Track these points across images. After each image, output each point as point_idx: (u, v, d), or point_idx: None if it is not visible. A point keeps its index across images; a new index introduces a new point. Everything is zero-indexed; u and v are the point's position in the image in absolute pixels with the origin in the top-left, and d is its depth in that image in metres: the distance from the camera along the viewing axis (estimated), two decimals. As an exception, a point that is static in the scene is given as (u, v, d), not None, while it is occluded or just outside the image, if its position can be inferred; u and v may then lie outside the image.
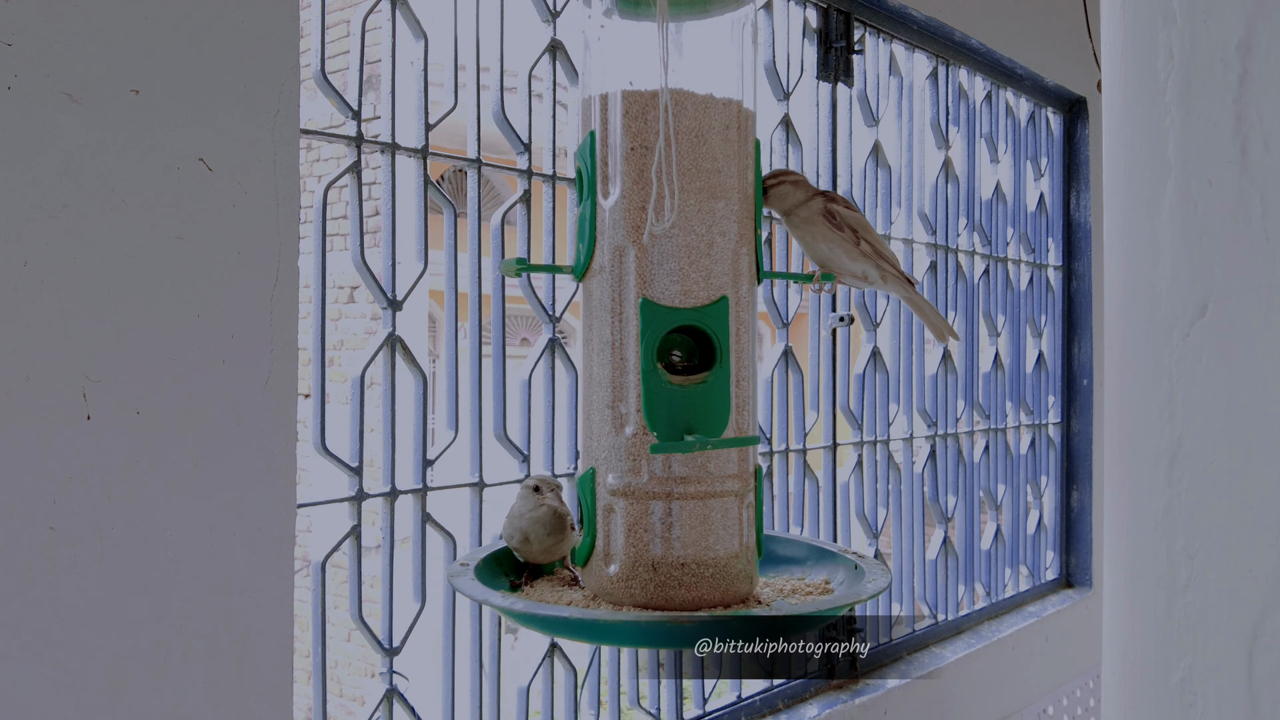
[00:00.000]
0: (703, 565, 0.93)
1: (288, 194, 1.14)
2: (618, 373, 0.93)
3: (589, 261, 0.96)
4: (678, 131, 0.92)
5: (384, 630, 1.40)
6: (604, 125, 0.95)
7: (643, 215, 0.91)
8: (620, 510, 0.93)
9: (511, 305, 1.56)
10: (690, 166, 0.93)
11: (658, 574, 0.92)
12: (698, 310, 0.93)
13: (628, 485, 0.93)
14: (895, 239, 2.34)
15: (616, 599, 0.93)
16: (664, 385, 0.92)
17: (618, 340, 0.93)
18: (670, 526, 0.93)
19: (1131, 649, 0.64)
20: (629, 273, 0.93)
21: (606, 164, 0.94)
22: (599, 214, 0.94)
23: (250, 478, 1.11)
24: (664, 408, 0.92)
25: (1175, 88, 0.61)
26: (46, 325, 0.97)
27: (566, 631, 0.93)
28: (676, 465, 0.93)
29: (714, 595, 0.94)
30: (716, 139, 0.94)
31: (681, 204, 0.91)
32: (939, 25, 2.36)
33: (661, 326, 0.92)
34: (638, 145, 0.92)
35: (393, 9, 1.40)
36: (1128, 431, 0.65)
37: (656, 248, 0.92)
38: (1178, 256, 0.61)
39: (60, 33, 0.98)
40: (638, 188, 0.92)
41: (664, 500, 0.92)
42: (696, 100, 0.94)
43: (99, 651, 1.01)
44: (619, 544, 0.93)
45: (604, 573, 0.94)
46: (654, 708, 1.77)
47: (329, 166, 6.04)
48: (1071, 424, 2.99)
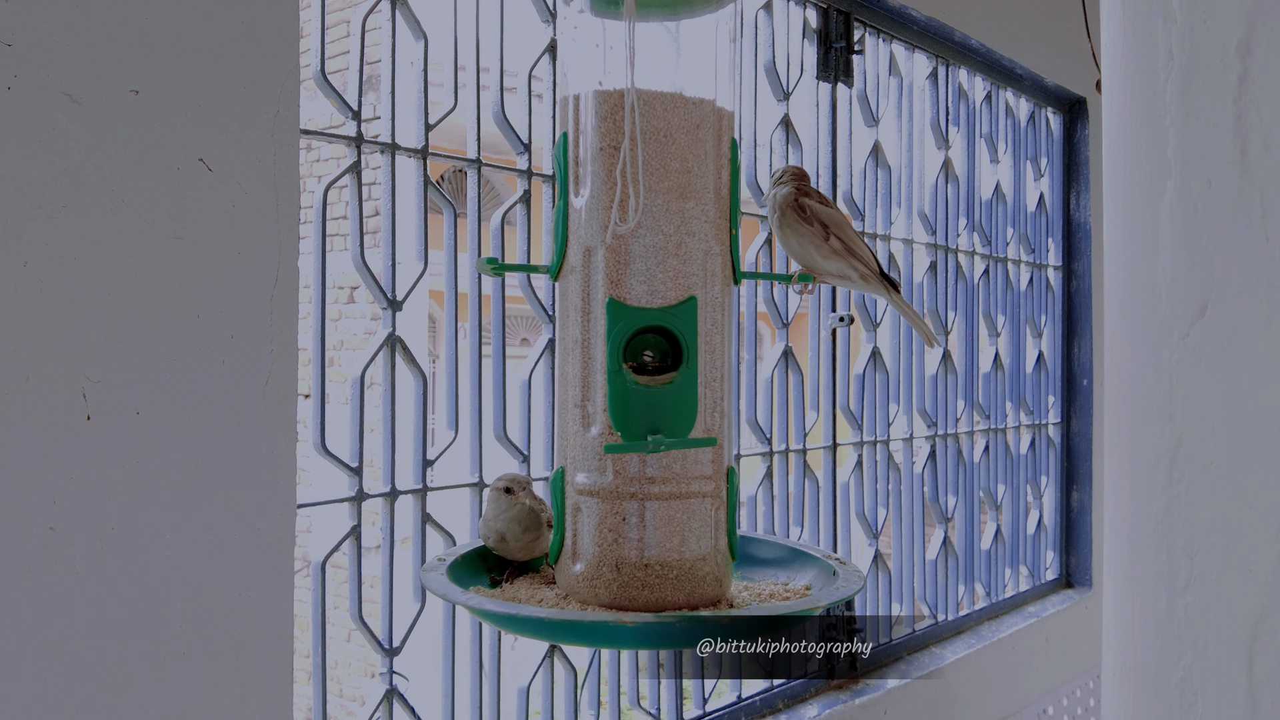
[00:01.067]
0: (667, 566, 0.92)
1: (288, 194, 1.14)
2: (587, 372, 0.93)
3: (561, 261, 0.96)
4: (645, 131, 0.91)
5: (384, 630, 1.40)
6: (576, 125, 0.94)
7: (609, 215, 0.91)
8: (586, 509, 0.93)
9: (511, 305, 1.56)
10: (658, 166, 0.92)
11: (621, 574, 0.92)
12: (665, 310, 0.92)
13: (594, 484, 0.92)
14: (895, 239, 2.34)
15: (583, 598, 0.93)
16: (630, 385, 0.92)
17: (586, 339, 0.93)
18: (635, 527, 0.92)
19: (1131, 649, 0.64)
20: (597, 272, 0.92)
21: (578, 164, 0.94)
22: (571, 214, 0.94)
23: (250, 478, 1.11)
24: (629, 407, 0.91)
25: (1175, 88, 0.61)
26: (46, 325, 0.97)
27: (518, 628, 0.93)
28: (644, 465, 0.92)
29: (679, 597, 0.93)
30: (685, 138, 0.93)
31: (648, 204, 0.91)
32: (939, 25, 2.36)
33: (629, 326, 0.91)
34: (607, 145, 0.92)
35: (393, 9, 1.40)
36: (1128, 431, 0.65)
37: (624, 247, 0.92)
38: (1178, 256, 0.61)
39: (60, 33, 0.98)
40: (606, 187, 0.91)
41: (630, 500, 0.92)
42: (665, 99, 0.93)
43: (99, 651, 1.01)
44: (585, 543, 0.93)
45: (571, 571, 0.95)
46: (654, 708, 1.77)
47: (329, 166, 6.04)
48: (1071, 424, 2.99)
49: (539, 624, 0.92)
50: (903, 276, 2.38)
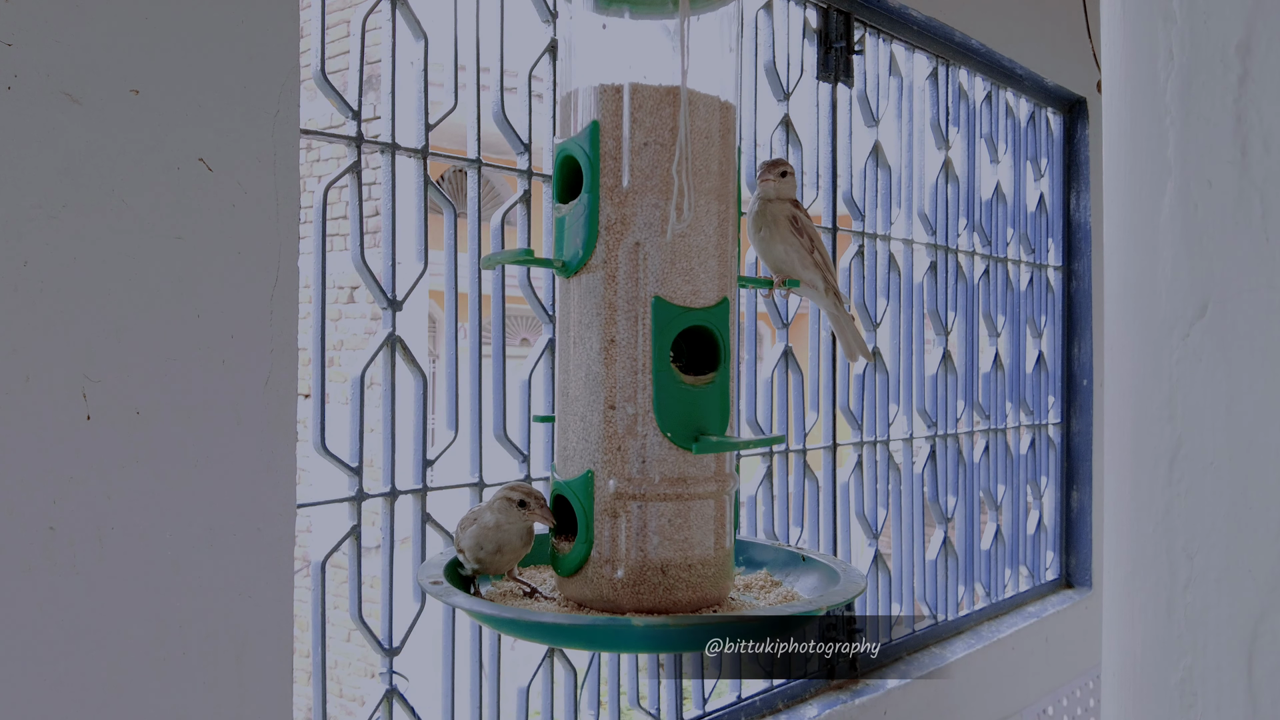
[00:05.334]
0: (706, 564, 0.93)
1: (288, 194, 1.14)
2: (624, 372, 0.91)
3: (587, 257, 0.94)
4: (693, 131, 0.91)
5: (384, 630, 1.40)
6: (613, 117, 0.92)
7: (656, 212, 0.90)
8: (627, 514, 0.91)
9: (511, 305, 1.56)
10: (701, 167, 0.92)
11: (667, 576, 0.91)
12: (706, 311, 0.92)
13: (638, 488, 0.90)
14: (895, 239, 2.35)
15: (620, 605, 0.91)
16: (677, 385, 0.91)
17: (626, 339, 0.91)
18: (680, 528, 0.91)
19: (1131, 649, 0.64)
20: (641, 270, 0.91)
21: (617, 158, 0.91)
22: (602, 209, 0.92)
23: (250, 478, 1.11)
24: (676, 408, 0.90)
25: (1175, 88, 0.61)
26: (46, 325, 0.97)
27: (607, 644, 0.93)
28: (687, 466, 0.91)
29: (713, 594, 0.93)
30: (720, 141, 0.94)
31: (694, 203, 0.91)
32: (939, 25, 2.36)
33: (676, 326, 0.91)
34: (652, 141, 0.91)
35: (393, 9, 1.40)
36: (1128, 431, 0.65)
37: (670, 246, 0.91)
38: (1178, 256, 0.61)
39: (60, 33, 0.98)
40: (649, 183, 0.91)
41: (674, 501, 0.91)
42: (705, 101, 0.93)
43: (99, 651, 1.01)
44: (625, 548, 0.91)
45: (608, 579, 0.92)
46: (654, 708, 1.77)
47: (329, 166, 6.03)
48: (1071, 424, 2.99)
49: (584, 631, 0.90)
50: (903, 276, 2.38)
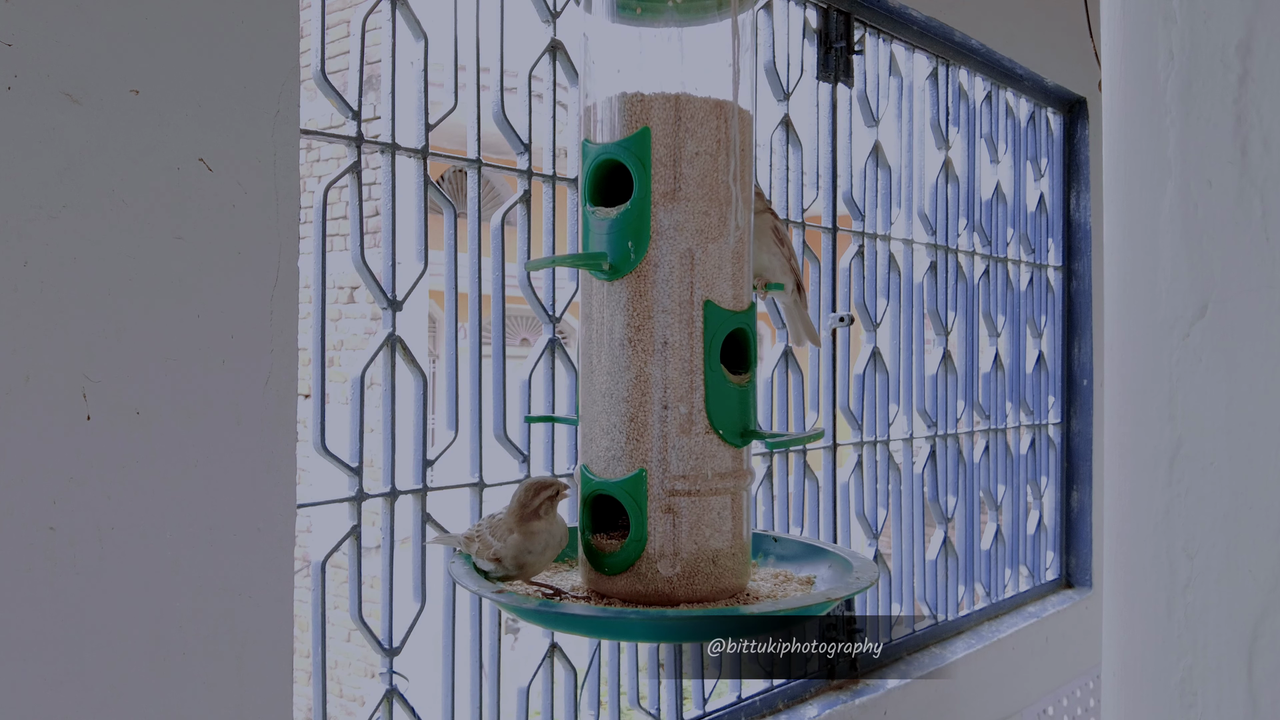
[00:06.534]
0: (744, 553, 0.99)
1: (288, 194, 1.14)
2: (677, 373, 0.96)
3: (639, 261, 0.97)
4: (741, 145, 0.97)
5: (384, 630, 1.40)
6: (672, 124, 0.96)
7: (705, 219, 0.96)
8: (682, 510, 0.95)
9: (511, 305, 1.56)
10: (746, 179, 0.99)
11: (718, 566, 0.96)
12: (745, 313, 0.99)
13: (691, 485, 0.95)
14: (895, 239, 2.35)
15: (674, 597, 0.95)
16: (726, 384, 0.96)
17: (679, 341, 0.96)
18: (728, 520, 0.97)
19: (1131, 649, 0.64)
20: (693, 274, 0.96)
21: (668, 165, 0.96)
22: (654, 213, 0.96)
23: (250, 478, 1.11)
24: (723, 406, 0.96)
25: (1175, 88, 0.61)
26: (46, 325, 0.97)
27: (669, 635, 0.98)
28: (736, 461, 0.97)
29: (743, 582, 1.00)
30: (750, 154, 1.00)
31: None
32: (939, 26, 2.36)
33: (723, 329, 0.96)
34: (702, 150, 0.96)
35: (393, 9, 1.40)
36: (1128, 431, 0.65)
37: (718, 252, 0.97)
38: (1178, 256, 0.61)
39: (60, 33, 0.98)
40: (701, 191, 0.96)
41: (723, 496, 0.97)
42: (746, 117, 0.99)
43: (99, 651, 1.01)
44: (681, 542, 0.96)
45: (663, 574, 0.96)
46: (654, 708, 1.77)
47: (329, 166, 6.04)
48: (1071, 424, 2.99)
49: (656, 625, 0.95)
50: (903, 276, 2.38)
